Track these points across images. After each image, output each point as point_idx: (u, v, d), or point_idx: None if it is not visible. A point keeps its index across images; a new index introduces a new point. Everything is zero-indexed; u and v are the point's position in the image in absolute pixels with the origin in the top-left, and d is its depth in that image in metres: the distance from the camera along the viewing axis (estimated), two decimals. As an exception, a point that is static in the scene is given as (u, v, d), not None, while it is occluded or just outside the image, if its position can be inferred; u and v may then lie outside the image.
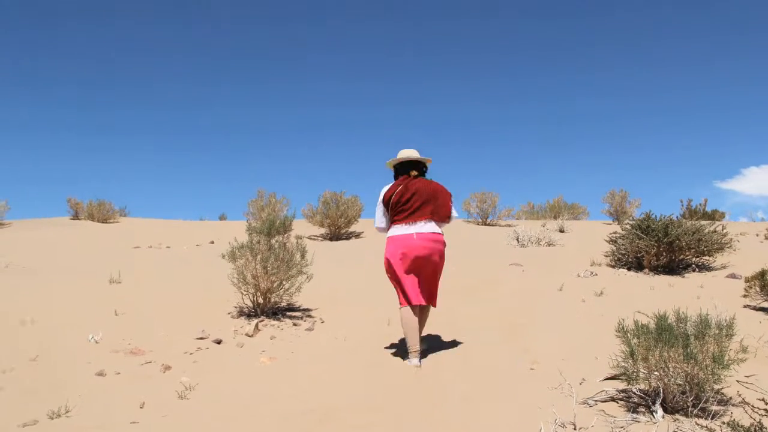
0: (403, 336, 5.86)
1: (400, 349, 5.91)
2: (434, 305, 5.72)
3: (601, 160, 38.07)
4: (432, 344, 6.03)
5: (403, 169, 5.64)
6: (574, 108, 39.50)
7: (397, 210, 5.45)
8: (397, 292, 5.55)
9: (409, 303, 5.41)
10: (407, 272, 5.39)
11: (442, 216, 5.50)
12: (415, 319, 5.39)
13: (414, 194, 5.42)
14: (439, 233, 5.45)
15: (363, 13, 39.98)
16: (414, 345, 5.38)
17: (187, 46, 38.30)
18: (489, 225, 18.07)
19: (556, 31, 39.37)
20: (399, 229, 5.42)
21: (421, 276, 5.43)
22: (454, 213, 5.61)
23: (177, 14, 38.31)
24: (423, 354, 5.53)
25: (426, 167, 5.73)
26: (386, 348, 6.01)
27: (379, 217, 5.63)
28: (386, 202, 5.53)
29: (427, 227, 5.39)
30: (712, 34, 37.20)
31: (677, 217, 10.18)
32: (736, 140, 36.70)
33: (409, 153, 5.63)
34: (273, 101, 39.39)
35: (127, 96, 37.51)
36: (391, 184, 5.61)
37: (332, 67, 39.68)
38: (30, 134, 35.76)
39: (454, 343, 6.06)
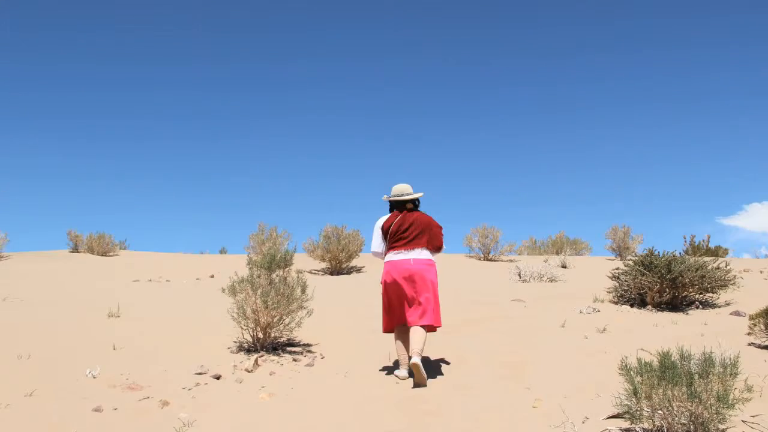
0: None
1: (401, 385, 5.85)
2: (438, 324, 6.09)
3: (603, 196, 38.12)
4: (433, 380, 5.97)
5: (398, 203, 6.20)
6: (575, 142, 39.71)
7: (396, 238, 6.00)
8: (384, 310, 6.21)
9: (391, 323, 6.18)
10: (399, 292, 5.95)
11: (436, 246, 6.09)
12: (403, 335, 6.06)
13: (411, 225, 6.00)
14: (432, 260, 6.02)
15: (360, 50, 40.51)
16: (402, 357, 6.06)
17: (188, 81, 38.76)
18: (491, 260, 18.03)
19: (557, 68, 39.81)
20: (398, 255, 5.96)
21: (419, 295, 5.88)
22: (443, 245, 6.17)
23: (176, 52, 38.84)
24: (422, 384, 5.79)
25: (419, 201, 6.25)
26: (388, 384, 5.94)
27: (378, 243, 6.16)
28: (385, 231, 6.09)
29: (423, 254, 5.96)
30: (710, 74, 37.60)
31: (680, 253, 10.15)
32: (739, 176, 36.79)
33: (403, 188, 6.20)
34: (275, 134, 39.68)
35: (128, 128, 37.82)
36: (388, 216, 6.20)
37: (334, 100, 40.06)
38: (30, 166, 35.96)
39: (455, 380, 5.99)
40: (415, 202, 6.22)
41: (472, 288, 11.67)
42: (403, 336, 6.04)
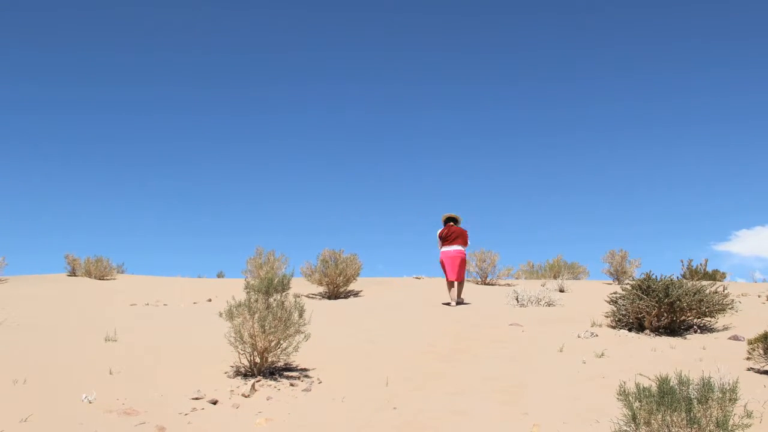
0: (399, 400, 6.28)
1: (399, 410, 5.82)
2: (462, 280, 12.32)
3: (601, 220, 38.18)
4: (430, 405, 5.94)
5: (447, 220, 12.38)
6: (573, 166, 39.88)
7: (446, 239, 12.24)
8: (445, 274, 12.22)
9: (448, 279, 12.18)
10: (449, 265, 12.02)
11: (465, 243, 12.32)
12: (452, 288, 12.19)
13: (453, 233, 12.19)
14: (463, 249, 12.18)
15: (356, 73, 40.85)
16: (452, 298, 12.18)
17: (185, 105, 38.99)
18: (488, 284, 17.98)
19: (554, 91, 40.14)
20: (448, 247, 12.20)
21: (454, 266, 12.04)
22: (468, 242, 12.39)
23: (174, 75, 39.14)
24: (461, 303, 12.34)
25: (459, 219, 12.35)
26: (385, 409, 5.91)
27: (439, 243, 12.39)
28: (440, 236, 12.34)
29: (458, 247, 12.21)
30: (698, 102, 37.96)
31: (678, 277, 10.14)
32: (726, 204, 37.06)
33: (449, 215, 12.24)
34: (273, 158, 39.80)
35: (126, 152, 37.91)
36: (442, 228, 12.41)
37: (332, 124, 40.26)
38: (28, 189, 35.96)
39: (452, 405, 5.96)
40: (455, 220, 12.41)
41: (469, 312, 11.64)
42: (451, 287, 12.23)
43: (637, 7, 38.52)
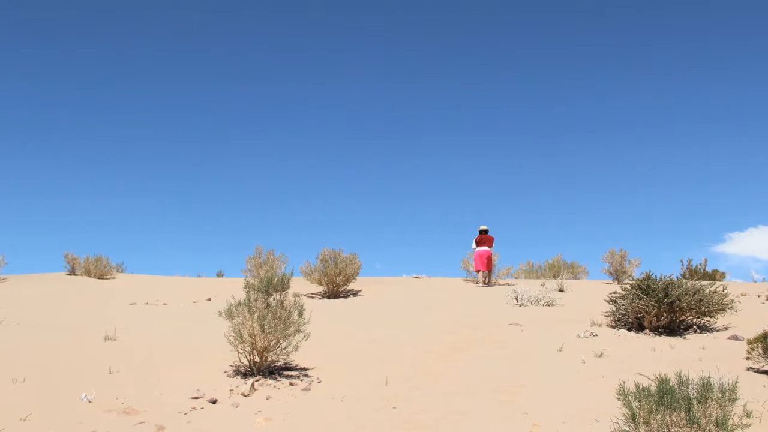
0: (398, 399, 6.27)
1: (398, 410, 5.82)
2: (490, 270, 16.66)
3: (601, 219, 38.20)
4: (429, 405, 5.93)
5: (481, 231, 16.74)
6: (572, 166, 39.89)
7: (479, 243, 16.55)
8: (476, 266, 16.46)
9: (476, 269, 16.55)
10: (479, 260, 16.32)
11: (491, 245, 16.60)
12: (480, 274, 16.36)
13: (483, 239, 16.53)
14: (489, 250, 16.47)
15: (358, 73, 40.85)
16: (479, 280, 16.40)
17: (186, 105, 38.99)
18: (488, 284, 17.98)
19: (556, 91, 40.16)
20: (480, 249, 16.43)
21: (483, 260, 16.29)
22: (494, 246, 16.74)
23: (180, 74, 39.14)
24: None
25: (488, 230, 16.75)
26: (384, 408, 5.91)
27: (474, 245, 16.72)
28: (476, 241, 16.66)
29: (486, 247, 16.44)
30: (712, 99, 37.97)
31: (677, 277, 10.14)
32: (720, 207, 37.24)
33: (483, 227, 16.76)
34: (273, 157, 39.79)
35: (126, 151, 37.90)
36: (477, 236, 16.72)
37: (332, 124, 40.28)
38: (28, 188, 35.95)
39: (451, 405, 5.96)
40: (486, 231, 16.68)
41: (469, 312, 11.63)
42: (482, 275, 16.28)
43: (636, 8, 38.52)
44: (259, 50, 39.17)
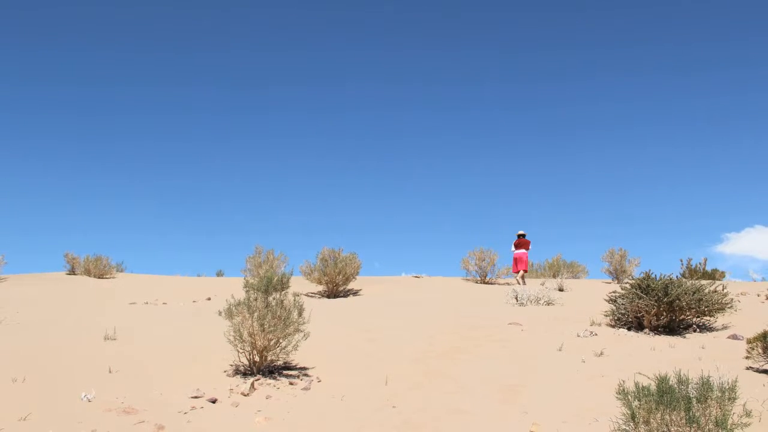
0: (398, 399, 6.29)
1: (398, 409, 5.82)
2: (527, 270, 17.68)
3: (600, 219, 38.20)
4: (429, 405, 5.93)
5: (519, 236, 17.64)
6: (572, 166, 39.89)
7: (517, 246, 17.46)
8: (514, 267, 17.51)
9: (514, 270, 17.63)
10: (516, 263, 17.42)
11: (527, 248, 17.57)
12: (517, 275, 17.28)
13: (521, 243, 17.49)
14: (526, 252, 17.43)
15: (357, 75, 40.82)
16: (518, 281, 17.01)
17: (186, 105, 38.97)
18: (488, 283, 17.98)
19: (555, 93, 40.13)
20: (518, 251, 17.39)
21: (522, 263, 17.39)
22: (530, 248, 17.78)
23: (179, 76, 39.12)
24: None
25: (525, 235, 17.73)
26: (384, 408, 5.90)
27: (512, 248, 17.54)
28: (514, 244, 17.50)
29: (523, 250, 17.43)
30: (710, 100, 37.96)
31: (677, 276, 10.13)
32: (716, 208, 37.36)
33: (521, 231, 17.77)
34: (273, 157, 39.77)
35: (125, 151, 37.89)
36: (516, 240, 17.52)
37: (332, 124, 40.26)
38: (27, 188, 35.93)
39: (451, 404, 5.96)
40: (523, 235, 17.62)
41: (469, 311, 11.64)
42: (521, 274, 17.17)
43: (637, 8, 38.52)
44: (259, 50, 39.16)
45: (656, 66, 38.73)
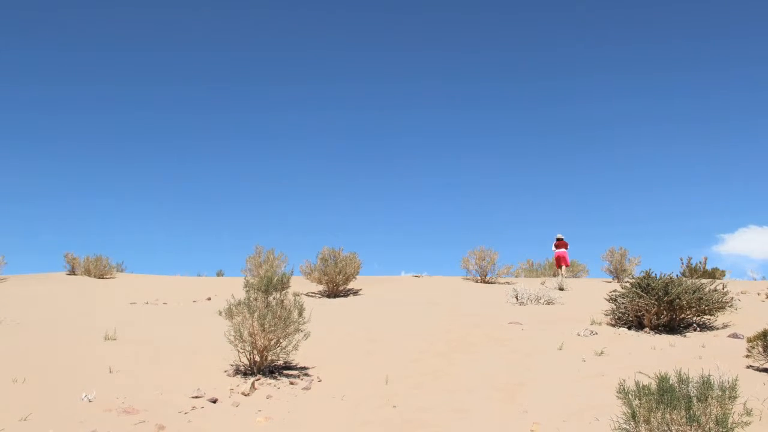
0: (398, 398, 6.28)
1: (399, 408, 5.82)
2: (568, 266, 19.80)
3: (600, 218, 38.23)
4: (430, 404, 5.93)
5: (558, 239, 19.46)
6: (573, 165, 39.90)
7: (557, 246, 19.45)
8: (556, 263, 19.49)
9: (556, 266, 19.61)
10: (558, 260, 19.27)
11: (566, 247, 19.49)
12: (563, 268, 19.07)
13: (561, 245, 19.46)
14: (565, 251, 19.35)
15: (357, 75, 40.82)
16: (561, 275, 18.29)
17: (186, 104, 38.97)
18: (488, 282, 17.96)
19: (559, 92, 40.15)
20: (558, 250, 19.36)
21: (563, 260, 19.24)
22: (568, 248, 19.64)
23: (179, 74, 39.13)
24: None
25: (563, 237, 19.56)
26: (384, 407, 5.90)
27: (554, 249, 19.47)
28: (555, 246, 19.49)
29: (562, 249, 19.33)
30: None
31: (677, 275, 10.12)
32: (710, 210, 37.50)
33: (559, 235, 19.61)
34: (273, 157, 39.77)
35: (126, 151, 37.90)
36: (556, 241, 19.42)
37: (332, 124, 40.27)
38: (28, 188, 35.93)
39: (452, 403, 5.96)
40: (563, 239, 19.32)
41: (469, 311, 11.63)
42: (563, 270, 18.93)
43: (636, 8, 38.52)
44: (259, 50, 39.16)
45: (656, 66, 38.74)
